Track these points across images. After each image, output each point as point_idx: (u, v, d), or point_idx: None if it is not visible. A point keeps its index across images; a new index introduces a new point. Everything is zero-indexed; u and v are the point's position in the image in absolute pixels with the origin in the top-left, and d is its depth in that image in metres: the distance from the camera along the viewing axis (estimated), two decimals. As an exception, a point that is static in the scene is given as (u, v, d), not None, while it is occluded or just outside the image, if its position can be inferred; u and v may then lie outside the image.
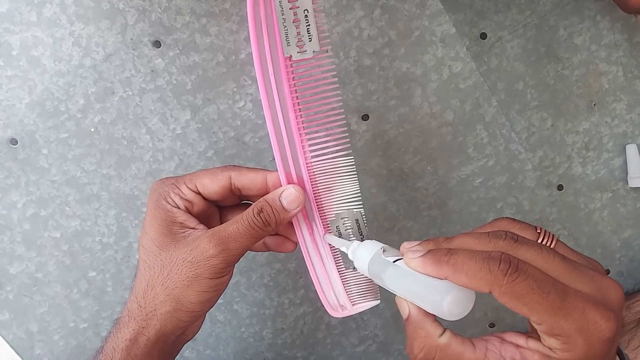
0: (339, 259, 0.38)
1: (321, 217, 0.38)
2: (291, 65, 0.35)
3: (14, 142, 0.45)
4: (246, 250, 0.36)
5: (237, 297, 0.51)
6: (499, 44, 0.47)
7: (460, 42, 0.47)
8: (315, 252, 0.38)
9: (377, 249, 0.32)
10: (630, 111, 0.50)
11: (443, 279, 0.27)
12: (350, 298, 0.39)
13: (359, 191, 0.37)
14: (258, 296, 0.51)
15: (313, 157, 0.37)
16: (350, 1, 0.45)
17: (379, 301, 0.39)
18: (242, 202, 0.40)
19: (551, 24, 0.47)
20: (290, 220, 0.37)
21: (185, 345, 0.51)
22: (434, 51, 0.47)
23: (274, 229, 0.36)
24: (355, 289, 0.39)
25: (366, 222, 0.38)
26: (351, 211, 0.37)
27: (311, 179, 0.37)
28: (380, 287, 0.32)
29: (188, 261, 0.34)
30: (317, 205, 0.38)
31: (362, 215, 0.38)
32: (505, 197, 0.51)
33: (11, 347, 0.49)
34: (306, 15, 0.34)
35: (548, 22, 0.47)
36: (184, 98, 0.46)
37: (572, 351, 0.26)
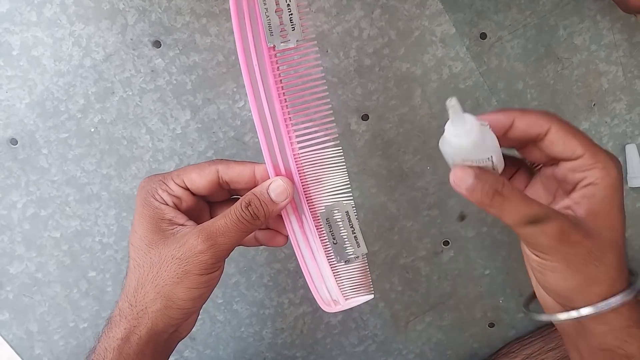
0: (330, 252, 0.38)
1: (311, 209, 0.37)
2: (275, 56, 0.35)
3: (14, 142, 0.45)
4: (236, 244, 0.35)
5: (237, 297, 0.51)
6: (498, 43, 0.47)
7: (460, 42, 0.47)
8: (305, 245, 0.38)
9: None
10: (630, 111, 0.50)
11: (509, 122, 0.33)
12: (343, 292, 0.38)
13: (349, 182, 0.37)
14: (258, 296, 0.51)
15: (301, 148, 0.36)
16: (350, 1, 0.45)
17: (372, 295, 0.39)
18: (232, 197, 0.40)
19: (551, 23, 0.47)
20: (280, 214, 0.37)
21: (185, 345, 0.51)
22: (434, 51, 0.47)
23: (263, 222, 0.35)
24: (347, 283, 0.38)
25: (356, 213, 0.37)
26: (341, 203, 0.37)
27: (299, 170, 0.37)
28: (373, 281, 0.34)
29: (177, 258, 0.34)
30: (307, 198, 0.37)
31: (353, 207, 0.37)
32: (505, 197, 0.51)
33: (11, 347, 0.49)
34: (288, 5, 0.33)
35: (548, 22, 0.47)
36: (184, 98, 0.46)
37: (609, 175, 0.34)
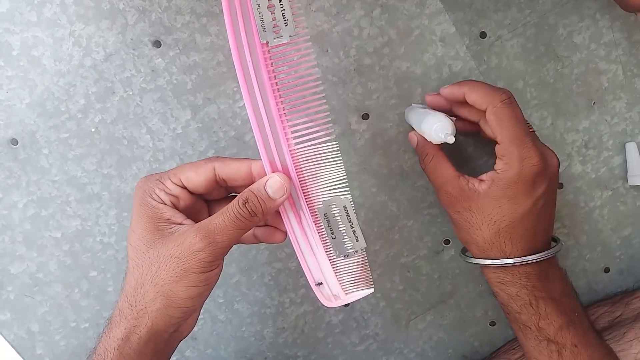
0: (329, 247, 0.38)
1: (308, 205, 0.37)
2: (269, 52, 0.35)
3: (14, 142, 0.45)
4: (234, 242, 0.35)
5: (238, 297, 0.51)
6: (498, 42, 0.47)
7: (460, 41, 0.47)
8: (304, 241, 0.38)
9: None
10: (630, 109, 0.50)
11: (461, 95, 0.41)
12: (343, 287, 0.39)
13: (346, 177, 0.37)
14: (259, 295, 0.51)
15: (297, 144, 0.36)
16: (350, 0, 0.45)
17: (372, 289, 0.39)
18: (230, 195, 0.40)
19: (551, 22, 0.47)
20: (278, 210, 0.37)
21: (186, 345, 0.51)
22: (434, 50, 0.47)
23: (261, 219, 0.35)
24: (347, 277, 0.39)
25: (354, 208, 0.37)
26: (339, 197, 0.37)
27: (296, 166, 0.37)
28: (374, 280, 0.40)
29: (175, 257, 0.34)
30: (304, 193, 0.37)
31: (350, 201, 0.37)
32: (506, 195, 0.51)
33: (12, 347, 0.49)
34: (280, 0, 0.34)
35: (547, 20, 0.47)
36: (184, 98, 0.46)
37: (509, 171, 0.39)
